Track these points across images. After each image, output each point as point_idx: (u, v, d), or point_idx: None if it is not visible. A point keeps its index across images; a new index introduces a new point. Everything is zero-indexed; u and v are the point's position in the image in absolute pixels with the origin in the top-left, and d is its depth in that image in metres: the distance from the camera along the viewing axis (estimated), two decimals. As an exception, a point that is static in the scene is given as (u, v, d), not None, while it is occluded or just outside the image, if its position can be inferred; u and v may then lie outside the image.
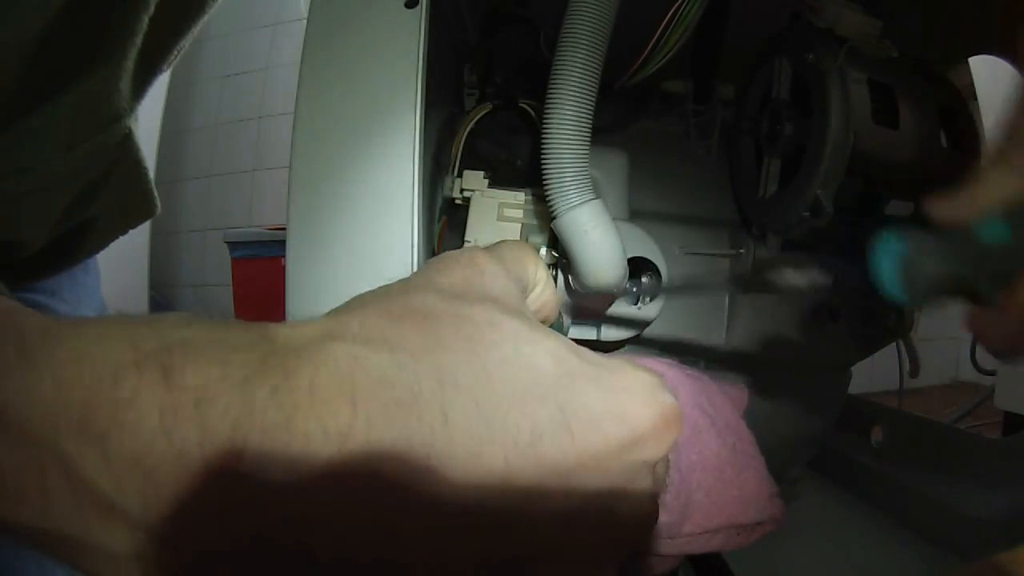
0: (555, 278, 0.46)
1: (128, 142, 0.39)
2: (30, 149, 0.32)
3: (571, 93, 0.36)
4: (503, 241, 0.23)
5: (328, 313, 0.18)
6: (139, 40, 0.34)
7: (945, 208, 0.27)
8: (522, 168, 0.52)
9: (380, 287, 0.19)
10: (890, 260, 0.26)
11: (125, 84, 0.35)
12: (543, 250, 0.46)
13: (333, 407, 0.14)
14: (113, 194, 0.41)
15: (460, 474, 0.15)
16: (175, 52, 0.40)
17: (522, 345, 0.17)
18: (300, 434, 0.14)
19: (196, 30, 0.40)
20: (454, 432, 0.15)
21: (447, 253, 0.22)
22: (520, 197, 0.47)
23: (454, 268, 0.20)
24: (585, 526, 0.17)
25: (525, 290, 0.23)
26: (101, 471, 0.13)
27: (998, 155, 0.25)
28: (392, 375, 0.15)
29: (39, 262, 0.39)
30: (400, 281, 0.20)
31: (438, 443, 0.15)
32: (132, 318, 0.16)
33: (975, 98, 0.57)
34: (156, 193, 0.45)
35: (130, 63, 0.35)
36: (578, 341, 0.21)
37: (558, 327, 0.41)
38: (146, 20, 0.33)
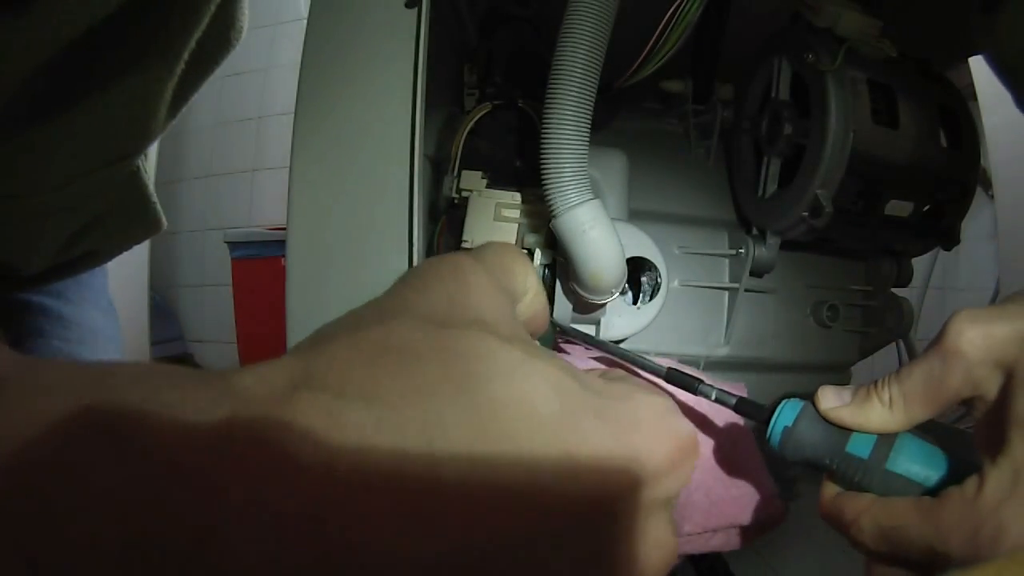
0: (553, 278, 0.46)
1: (135, 179, 0.39)
2: (30, 172, 0.32)
3: (570, 93, 0.36)
4: (489, 244, 0.21)
5: (293, 350, 0.16)
6: (172, 82, 0.34)
7: (832, 407, 0.29)
8: (521, 168, 0.52)
9: (348, 314, 0.17)
10: (781, 423, 0.30)
11: (159, 119, 0.35)
12: (537, 252, 0.46)
13: (306, 477, 0.13)
14: (117, 226, 0.41)
15: (459, 537, 0.14)
16: (202, 84, 0.40)
17: (519, 381, 0.15)
18: (270, 515, 0.12)
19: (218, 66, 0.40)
20: (443, 487, 0.14)
21: (426, 262, 0.19)
22: (517, 197, 0.47)
23: (435, 286, 0.18)
24: (607, 573, 0.16)
25: (515, 300, 0.21)
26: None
27: (894, 398, 0.28)
28: (372, 435, 0.13)
29: (39, 275, 0.39)
30: (372, 304, 0.18)
31: (427, 503, 0.13)
32: (85, 368, 0.14)
33: (975, 98, 0.58)
34: (161, 214, 0.44)
35: (165, 100, 0.34)
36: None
37: (548, 339, 0.41)
38: (180, 67, 0.33)
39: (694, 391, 0.34)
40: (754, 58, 0.51)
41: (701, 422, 0.44)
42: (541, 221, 0.46)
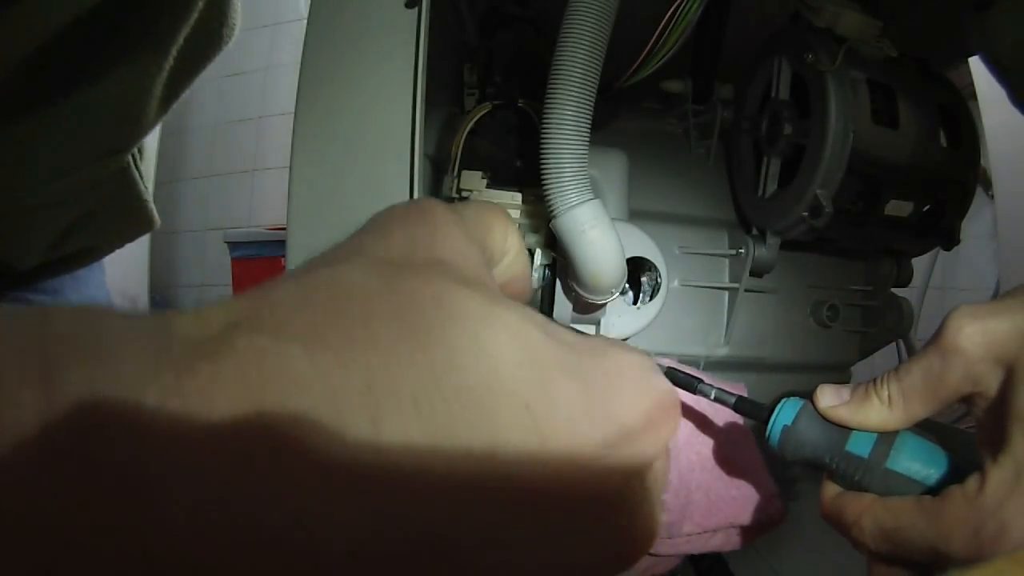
0: (553, 278, 0.46)
1: (125, 176, 0.39)
2: (17, 165, 0.32)
3: (570, 93, 0.36)
4: (470, 201, 0.20)
5: (238, 295, 0.14)
6: (163, 76, 0.34)
7: (830, 405, 0.29)
8: (521, 168, 0.52)
9: (304, 262, 0.16)
10: (780, 422, 0.30)
11: (148, 115, 0.35)
12: (538, 253, 0.46)
13: (233, 418, 0.11)
14: (108, 222, 0.41)
15: (403, 511, 0.12)
16: (194, 80, 0.40)
17: (479, 329, 0.14)
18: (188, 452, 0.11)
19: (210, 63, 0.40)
20: (386, 448, 0.12)
21: (393, 205, 0.18)
22: (518, 197, 0.47)
23: (396, 228, 0.16)
24: (570, 549, 0.14)
25: (491, 261, 0.19)
26: None
27: (893, 396, 0.28)
28: (308, 379, 0.12)
29: (33, 272, 0.39)
30: (328, 250, 0.16)
31: (368, 460, 0.12)
32: (20, 310, 0.12)
33: (975, 98, 0.58)
34: (155, 212, 0.44)
35: (156, 93, 0.34)
36: None
37: None
38: (170, 61, 0.33)
39: (693, 390, 0.34)
40: (754, 58, 0.51)
41: (701, 422, 0.44)
42: (541, 221, 0.46)
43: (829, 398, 0.29)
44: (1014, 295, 0.26)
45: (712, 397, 0.34)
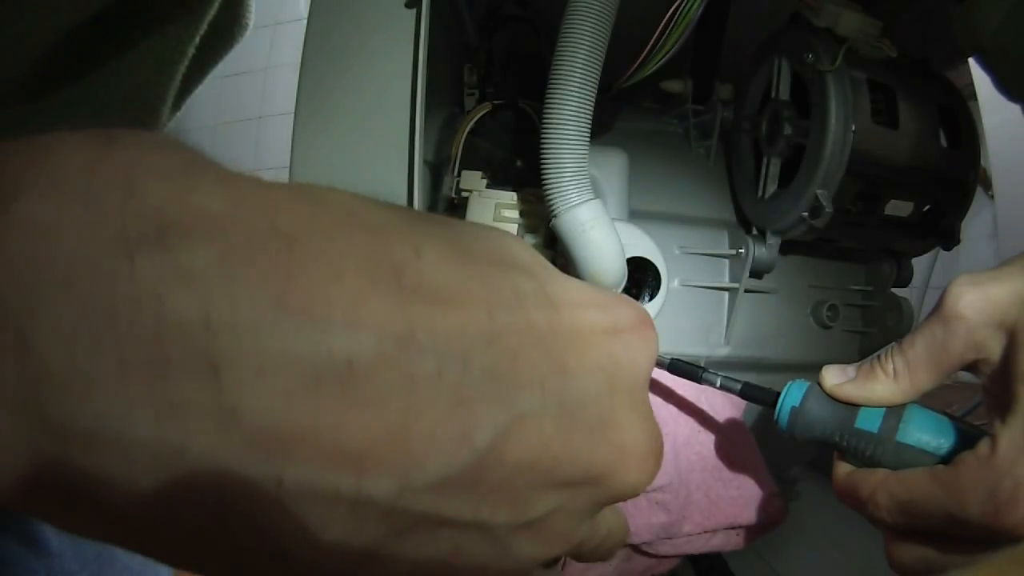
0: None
1: None
2: None
3: (571, 93, 0.36)
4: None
5: None
6: (181, 68, 0.34)
7: (837, 384, 0.29)
8: (521, 168, 0.52)
9: None
10: (788, 404, 0.30)
11: (169, 101, 0.35)
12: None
13: (290, 208, 0.12)
14: None
15: (426, 313, 0.12)
16: (208, 73, 0.40)
17: (494, 235, 0.15)
18: (247, 224, 0.11)
19: (222, 59, 0.40)
20: (430, 269, 0.12)
21: None
22: (517, 197, 0.47)
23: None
24: (587, 430, 0.14)
25: None
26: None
27: (899, 369, 0.28)
28: (353, 203, 0.13)
29: None
30: None
31: (412, 272, 0.12)
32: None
33: (975, 98, 0.57)
34: None
35: (173, 87, 0.34)
36: None
37: None
38: (191, 51, 0.33)
39: (698, 379, 0.34)
40: (754, 58, 0.51)
41: (701, 422, 0.44)
42: (540, 221, 0.46)
43: (835, 376, 0.30)
44: (1013, 262, 0.26)
45: (718, 385, 0.34)
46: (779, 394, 0.31)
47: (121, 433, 0.10)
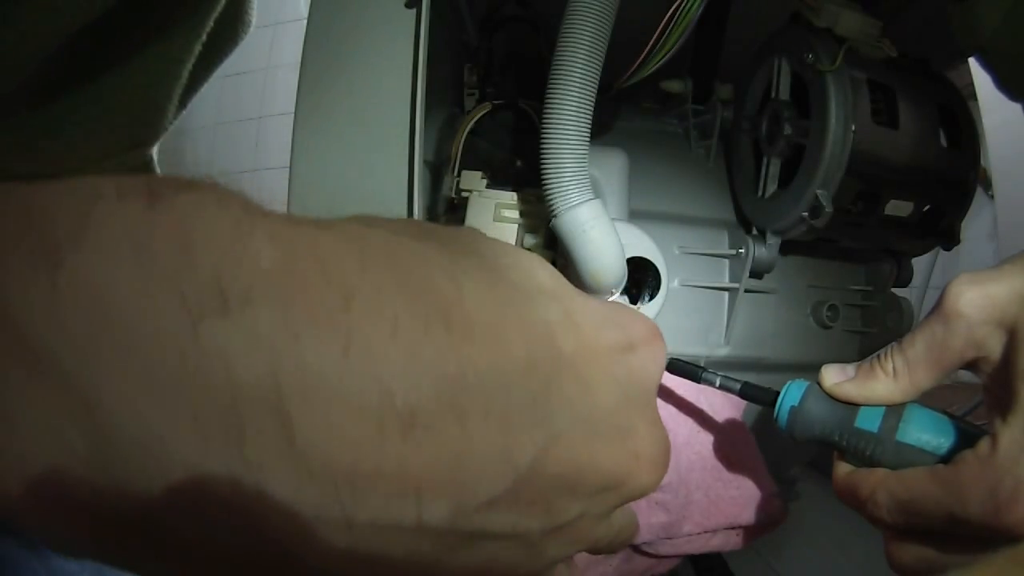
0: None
1: (148, 171, 0.39)
2: (50, 149, 0.32)
3: (571, 93, 0.36)
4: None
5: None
6: (188, 67, 0.34)
7: (836, 383, 0.29)
8: (521, 168, 0.52)
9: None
10: (787, 404, 0.30)
11: (172, 108, 0.35)
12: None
13: (341, 259, 0.12)
14: None
15: (474, 351, 0.13)
16: (208, 78, 0.40)
17: (516, 257, 0.17)
18: (304, 279, 0.12)
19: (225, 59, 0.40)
20: (472, 307, 0.13)
21: None
22: (517, 197, 0.47)
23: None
24: (608, 439, 0.16)
25: None
26: (44, 304, 0.10)
27: (898, 368, 0.28)
28: (398, 247, 0.13)
29: None
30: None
31: (457, 312, 0.13)
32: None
33: (975, 98, 0.57)
34: None
35: (179, 87, 0.34)
36: None
37: None
38: (198, 48, 0.33)
39: (698, 379, 0.34)
40: (754, 58, 0.51)
41: (701, 422, 0.44)
42: (540, 222, 0.46)
43: (834, 375, 0.30)
44: (1012, 261, 0.26)
45: (717, 384, 0.34)
46: (778, 394, 0.31)
47: (200, 492, 0.10)
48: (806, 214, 0.44)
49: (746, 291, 0.52)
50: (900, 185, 0.46)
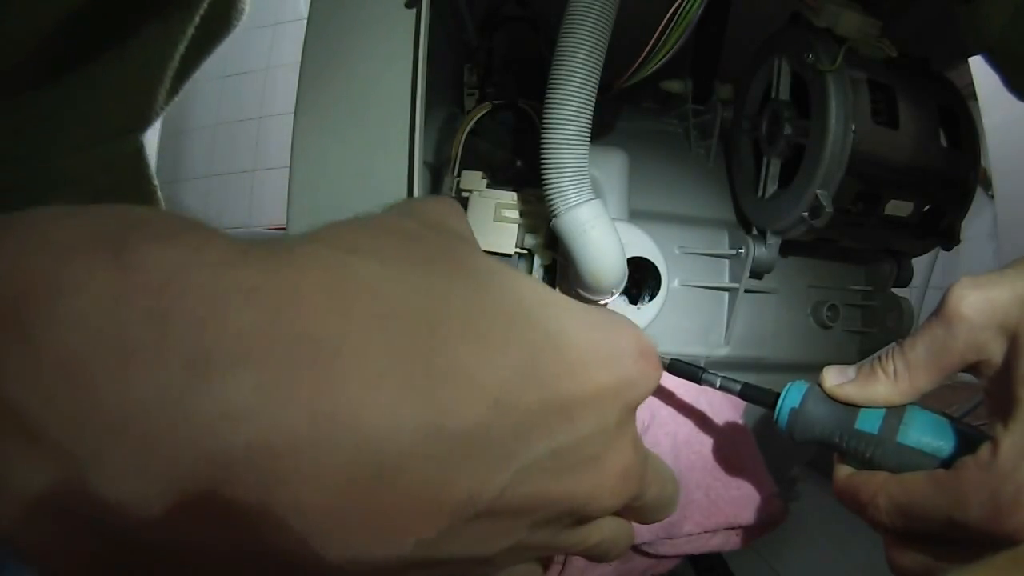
0: (552, 279, 0.46)
1: (139, 158, 0.39)
2: (40, 134, 0.32)
3: (571, 93, 0.36)
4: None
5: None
6: (180, 51, 0.34)
7: (837, 384, 0.29)
8: (521, 168, 0.52)
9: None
10: (787, 405, 0.30)
11: (162, 93, 0.35)
12: (537, 255, 0.46)
13: (321, 313, 0.12)
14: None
15: (454, 397, 0.13)
16: (199, 67, 0.40)
17: (500, 274, 0.17)
18: (281, 341, 0.12)
19: (218, 46, 0.40)
20: (447, 352, 0.14)
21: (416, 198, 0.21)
22: (518, 197, 0.47)
23: (431, 202, 0.20)
24: (576, 473, 0.16)
25: None
26: (23, 377, 0.10)
27: (899, 369, 0.28)
28: (380, 285, 0.14)
29: None
30: (375, 211, 0.18)
31: (433, 361, 0.13)
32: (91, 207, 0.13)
33: (975, 98, 0.57)
34: (161, 200, 0.45)
35: (170, 71, 0.34)
36: None
37: None
38: (190, 31, 0.33)
39: (698, 380, 0.34)
40: (754, 58, 0.51)
41: (701, 422, 0.44)
42: (541, 221, 0.46)
43: (835, 377, 0.30)
44: (1015, 265, 0.26)
45: (718, 385, 0.34)
46: (778, 395, 0.31)
47: (191, 547, 0.12)
48: (806, 214, 0.44)
49: (746, 291, 0.52)
50: (900, 185, 0.46)
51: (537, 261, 0.47)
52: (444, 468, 0.13)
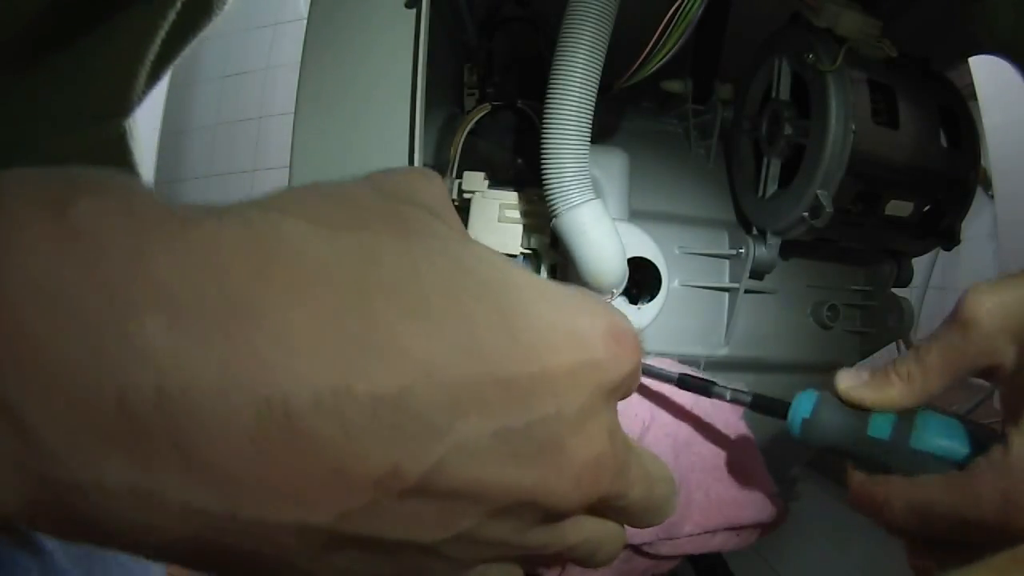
0: (554, 278, 0.46)
1: (123, 143, 0.39)
2: (22, 119, 0.32)
3: (571, 93, 0.36)
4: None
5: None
6: (161, 34, 0.34)
7: (851, 386, 0.29)
8: (522, 168, 0.52)
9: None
10: (799, 415, 0.30)
11: (142, 78, 0.35)
12: (543, 255, 0.46)
13: (239, 268, 0.12)
14: None
15: (377, 364, 0.13)
16: (181, 54, 0.40)
17: (460, 247, 0.15)
18: (198, 292, 0.12)
19: (200, 35, 0.40)
20: (375, 319, 0.13)
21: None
22: (520, 197, 0.47)
23: (399, 172, 0.19)
24: (529, 459, 0.15)
25: None
26: None
27: (913, 372, 0.28)
28: (305, 245, 0.13)
29: None
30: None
31: (357, 327, 0.13)
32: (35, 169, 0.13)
33: (975, 98, 0.58)
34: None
35: (151, 55, 0.34)
36: None
37: None
38: (172, 15, 0.33)
39: (709, 394, 0.34)
40: (754, 58, 0.51)
41: (701, 423, 0.44)
42: (544, 221, 0.46)
43: (849, 379, 0.30)
44: None
45: (728, 398, 0.34)
46: (789, 405, 0.31)
47: (103, 485, 0.12)
48: (806, 214, 0.44)
49: (746, 291, 0.52)
50: (900, 185, 0.46)
51: (543, 261, 0.47)
52: (363, 437, 0.12)
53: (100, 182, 0.13)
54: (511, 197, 0.47)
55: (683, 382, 0.34)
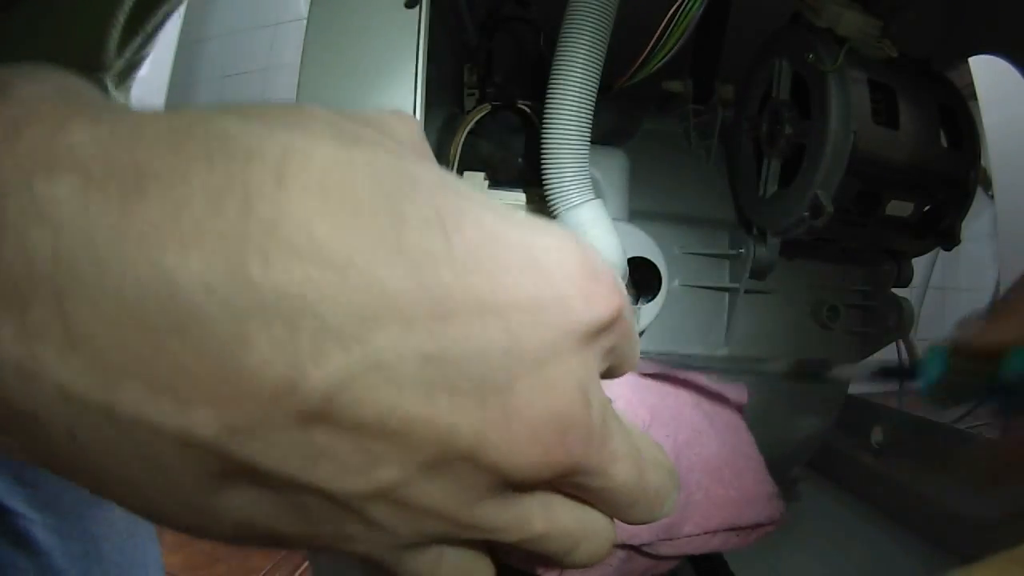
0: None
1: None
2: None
3: (571, 93, 0.36)
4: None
5: None
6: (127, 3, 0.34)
7: (978, 333, 0.28)
8: (522, 168, 0.52)
9: None
10: (932, 374, 0.30)
11: (115, 33, 0.35)
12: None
13: (153, 145, 0.12)
14: None
15: (279, 253, 0.11)
16: (159, 15, 0.40)
17: (411, 162, 0.13)
18: (100, 165, 0.11)
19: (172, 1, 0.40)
20: (289, 208, 0.11)
21: None
22: (521, 198, 0.47)
23: (370, 110, 0.16)
24: (466, 397, 0.12)
25: None
26: None
27: None
28: (226, 128, 0.12)
29: None
30: None
31: (265, 213, 0.11)
32: None
33: (975, 98, 0.58)
34: None
35: (123, 12, 0.35)
36: None
37: None
38: None
39: (823, 379, 0.33)
40: (754, 58, 0.51)
41: (702, 423, 0.44)
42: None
43: (975, 327, 0.29)
44: None
45: (849, 377, 0.33)
46: (916, 366, 0.30)
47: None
48: (807, 214, 0.44)
49: (746, 291, 0.52)
50: (900, 185, 0.46)
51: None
52: (256, 336, 0.11)
53: (47, 74, 0.13)
54: (512, 197, 0.47)
55: (798, 369, 0.34)
